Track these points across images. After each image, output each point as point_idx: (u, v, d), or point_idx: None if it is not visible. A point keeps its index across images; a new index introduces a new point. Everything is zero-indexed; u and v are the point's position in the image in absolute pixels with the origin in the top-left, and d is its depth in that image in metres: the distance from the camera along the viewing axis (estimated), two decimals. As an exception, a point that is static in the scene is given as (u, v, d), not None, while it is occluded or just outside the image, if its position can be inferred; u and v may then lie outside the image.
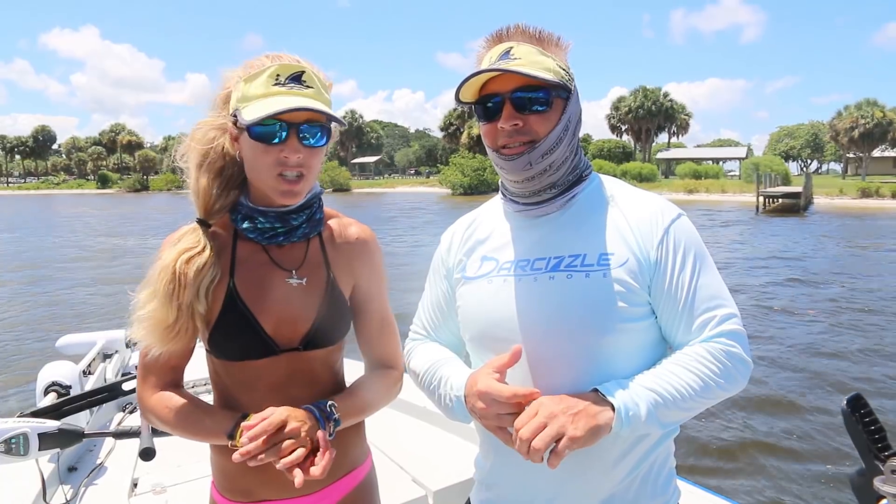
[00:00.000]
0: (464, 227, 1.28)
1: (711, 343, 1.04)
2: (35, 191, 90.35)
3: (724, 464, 5.02)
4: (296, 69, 1.11)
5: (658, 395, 1.00)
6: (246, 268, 1.20)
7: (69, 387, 2.45)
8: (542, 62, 1.07)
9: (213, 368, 1.26)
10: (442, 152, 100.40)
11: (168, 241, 1.19)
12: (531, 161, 1.08)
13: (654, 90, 70.28)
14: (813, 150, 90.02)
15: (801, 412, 5.95)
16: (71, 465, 2.27)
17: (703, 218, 28.43)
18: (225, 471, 1.25)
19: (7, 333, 9.45)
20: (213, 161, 1.18)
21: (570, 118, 1.11)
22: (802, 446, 5.26)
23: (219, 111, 1.19)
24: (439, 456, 2.33)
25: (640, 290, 1.06)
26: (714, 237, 21.11)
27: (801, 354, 7.70)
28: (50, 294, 12.60)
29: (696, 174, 53.57)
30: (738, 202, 40.99)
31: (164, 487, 2.12)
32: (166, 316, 1.12)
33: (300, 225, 1.22)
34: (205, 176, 1.18)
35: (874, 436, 1.00)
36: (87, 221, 32.72)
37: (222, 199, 1.20)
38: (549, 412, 0.96)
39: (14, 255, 19.04)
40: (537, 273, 1.11)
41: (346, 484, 1.31)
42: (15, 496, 1.86)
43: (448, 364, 1.20)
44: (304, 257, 1.24)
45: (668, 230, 1.08)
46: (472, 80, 1.08)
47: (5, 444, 1.60)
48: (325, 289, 1.23)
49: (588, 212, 1.13)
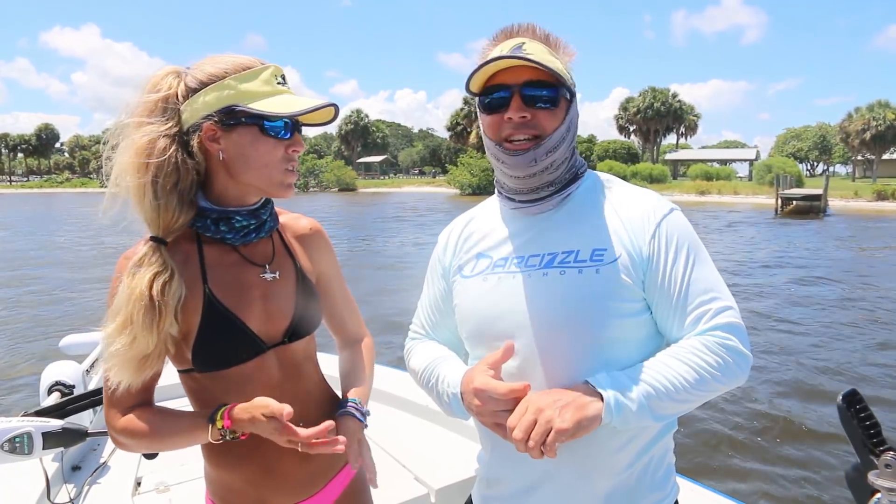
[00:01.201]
0: (460, 227, 1.29)
1: (706, 336, 1.04)
2: (38, 189, 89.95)
3: (724, 461, 5.02)
4: (282, 71, 1.15)
5: (650, 386, 1.00)
6: (219, 271, 1.17)
7: (73, 386, 2.44)
8: (552, 61, 1.08)
9: (193, 387, 1.21)
10: (446, 152, 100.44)
11: (128, 266, 1.10)
12: (536, 157, 1.09)
13: (662, 90, 69.60)
14: (820, 152, 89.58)
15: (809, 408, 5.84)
16: (75, 463, 2.26)
17: (721, 220, 28.02)
18: (226, 484, 1.24)
19: (11, 333, 9.28)
20: (167, 176, 1.09)
21: (573, 120, 1.14)
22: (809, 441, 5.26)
23: (159, 117, 1.10)
24: (441, 454, 2.31)
25: (634, 285, 1.06)
26: (739, 239, 20.68)
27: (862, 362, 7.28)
28: (53, 293, 12.40)
29: (707, 175, 53.02)
30: (750, 204, 40.57)
31: (167, 486, 2.11)
32: (146, 346, 1.07)
33: (267, 219, 1.22)
34: (162, 193, 1.09)
35: (869, 431, 1.00)
36: (91, 220, 32.39)
37: (184, 216, 1.13)
38: (537, 407, 0.97)
39: (18, 253, 18.83)
40: (531, 270, 1.11)
41: (343, 479, 1.33)
42: (19, 495, 1.86)
43: (445, 362, 1.21)
44: (272, 251, 1.24)
45: (660, 225, 1.08)
46: (482, 69, 1.07)
47: (9, 443, 1.60)
48: (297, 279, 1.25)
49: (582, 209, 1.14)
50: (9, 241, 22.66)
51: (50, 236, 23.85)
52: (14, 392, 6.67)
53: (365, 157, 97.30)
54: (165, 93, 1.11)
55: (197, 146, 1.12)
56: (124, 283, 1.09)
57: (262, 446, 1.16)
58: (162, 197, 1.09)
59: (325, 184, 71.56)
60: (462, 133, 75.11)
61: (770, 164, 48.14)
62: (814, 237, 21.83)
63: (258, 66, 1.12)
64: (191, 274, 1.15)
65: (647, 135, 71.20)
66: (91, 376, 2.80)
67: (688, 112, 70.00)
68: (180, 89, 1.12)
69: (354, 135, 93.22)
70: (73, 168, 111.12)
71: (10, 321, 10.14)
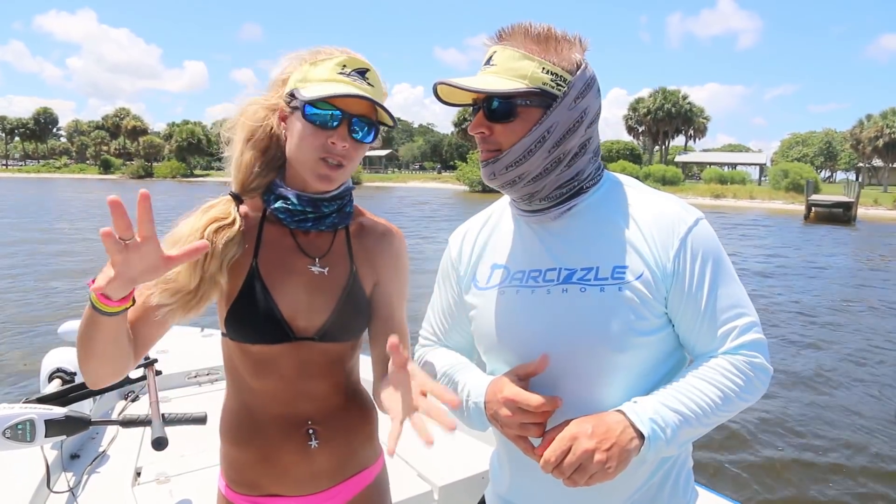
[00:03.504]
0: (475, 232, 1.25)
1: (736, 356, 1.03)
2: (36, 174, 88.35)
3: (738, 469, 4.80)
4: (362, 64, 1.13)
5: (683, 417, 0.99)
6: (270, 250, 1.19)
7: (74, 373, 2.42)
8: (519, 68, 1.01)
9: (227, 353, 1.24)
10: (448, 148, 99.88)
11: (200, 208, 1.17)
12: (494, 171, 1.07)
13: (673, 92, 68.82)
14: (826, 159, 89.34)
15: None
16: (74, 452, 2.22)
17: (748, 226, 27.41)
18: (235, 463, 1.24)
19: (10, 319, 9.05)
20: (260, 139, 1.18)
21: (552, 128, 1.03)
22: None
23: (273, 92, 1.19)
24: (445, 451, 2.30)
25: (656, 301, 1.03)
26: (777, 244, 20.07)
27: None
28: (53, 279, 12.04)
29: (721, 179, 52.42)
30: (766, 209, 40.05)
31: (167, 477, 2.09)
32: (189, 281, 1.09)
33: (330, 213, 1.21)
34: (249, 152, 1.18)
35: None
36: (92, 207, 31.75)
37: (260, 178, 1.19)
38: (584, 450, 0.94)
39: (16, 239, 18.17)
40: (549, 285, 1.08)
41: (356, 484, 1.30)
42: (19, 483, 1.85)
43: (464, 370, 1.18)
44: (329, 247, 1.23)
45: (685, 240, 1.04)
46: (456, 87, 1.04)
47: (11, 430, 1.58)
48: (347, 281, 1.22)
49: (598, 221, 1.09)
50: (8, 226, 21.71)
51: (50, 222, 22.90)
52: (14, 378, 6.46)
53: (368, 151, 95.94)
54: (280, 75, 1.18)
55: (276, 124, 1.18)
56: (189, 218, 1.14)
57: (263, 433, 1.20)
58: (248, 154, 1.17)
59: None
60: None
61: (787, 169, 47.51)
62: (860, 243, 21.22)
63: (333, 55, 1.12)
64: (248, 243, 1.17)
65: (655, 136, 70.56)
66: None
67: (697, 114, 69.40)
68: (289, 73, 1.16)
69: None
70: (69, 153, 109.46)
71: (11, 306, 9.84)
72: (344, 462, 1.26)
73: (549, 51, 1.03)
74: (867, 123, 57.71)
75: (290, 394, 1.12)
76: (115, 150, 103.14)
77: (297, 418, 1.20)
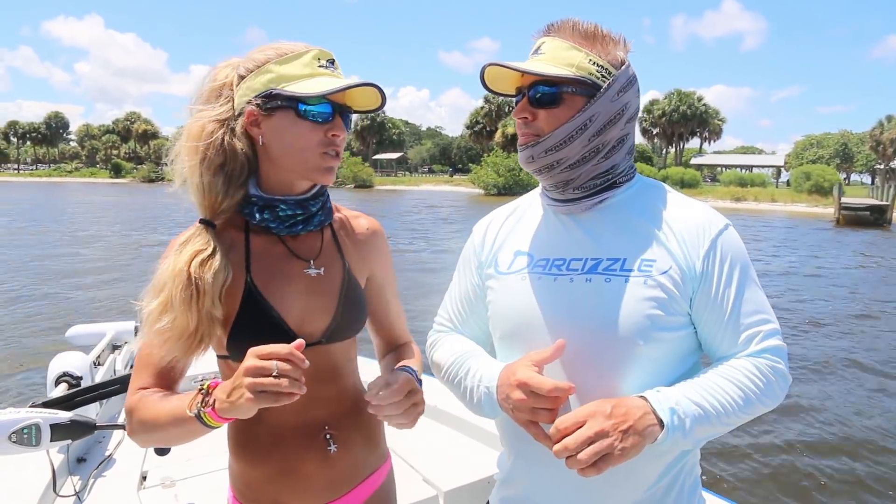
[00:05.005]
0: (501, 219, 1.25)
1: (759, 359, 1.04)
2: (47, 178, 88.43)
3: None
4: (329, 55, 1.12)
5: (704, 412, 0.98)
6: (263, 261, 1.16)
7: (80, 377, 2.41)
8: (568, 57, 1.05)
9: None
10: (457, 151, 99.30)
11: (174, 244, 1.13)
12: (533, 155, 1.09)
13: (689, 93, 68.11)
14: (842, 161, 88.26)
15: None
16: (80, 456, 2.21)
17: (777, 230, 26.64)
18: (252, 483, 1.21)
19: (17, 322, 9.01)
20: (213, 158, 1.11)
21: (594, 117, 1.06)
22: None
23: (213, 104, 1.14)
24: (451, 456, 2.29)
25: (681, 299, 1.04)
26: (819, 249, 19.36)
27: None
28: (60, 283, 11.98)
29: (741, 182, 51.56)
30: (789, 212, 39.28)
31: (173, 481, 2.08)
32: (187, 324, 1.06)
33: (317, 212, 1.19)
34: (207, 173, 1.11)
35: None
36: (103, 212, 31.61)
37: (229, 199, 1.13)
38: (600, 428, 0.92)
39: (25, 243, 18.12)
40: (573, 274, 1.09)
41: (367, 488, 1.30)
42: (25, 486, 1.85)
43: (477, 356, 1.18)
44: (320, 246, 1.21)
45: (716, 242, 1.06)
46: (503, 73, 1.09)
47: (17, 435, 1.58)
48: (343, 278, 1.21)
49: (628, 216, 1.10)
50: (19, 231, 21.37)
51: (62, 226, 22.66)
52: (21, 382, 6.45)
53: (380, 154, 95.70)
54: (221, 82, 1.14)
55: (241, 131, 1.12)
56: (168, 260, 1.09)
57: (283, 445, 1.18)
58: (207, 177, 1.10)
59: (339, 180, 70.10)
60: (481, 132, 73.78)
61: (809, 172, 46.53)
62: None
63: (301, 50, 1.10)
64: (235, 260, 1.13)
65: (670, 138, 69.82)
66: (98, 368, 2.80)
67: (712, 116, 68.61)
68: (234, 78, 1.12)
69: (370, 131, 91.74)
70: (80, 157, 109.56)
71: (18, 309, 9.79)
72: (360, 463, 1.26)
73: (595, 45, 1.06)
74: (888, 125, 56.80)
75: (305, 401, 1.04)
76: (126, 154, 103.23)
77: (315, 425, 1.19)
